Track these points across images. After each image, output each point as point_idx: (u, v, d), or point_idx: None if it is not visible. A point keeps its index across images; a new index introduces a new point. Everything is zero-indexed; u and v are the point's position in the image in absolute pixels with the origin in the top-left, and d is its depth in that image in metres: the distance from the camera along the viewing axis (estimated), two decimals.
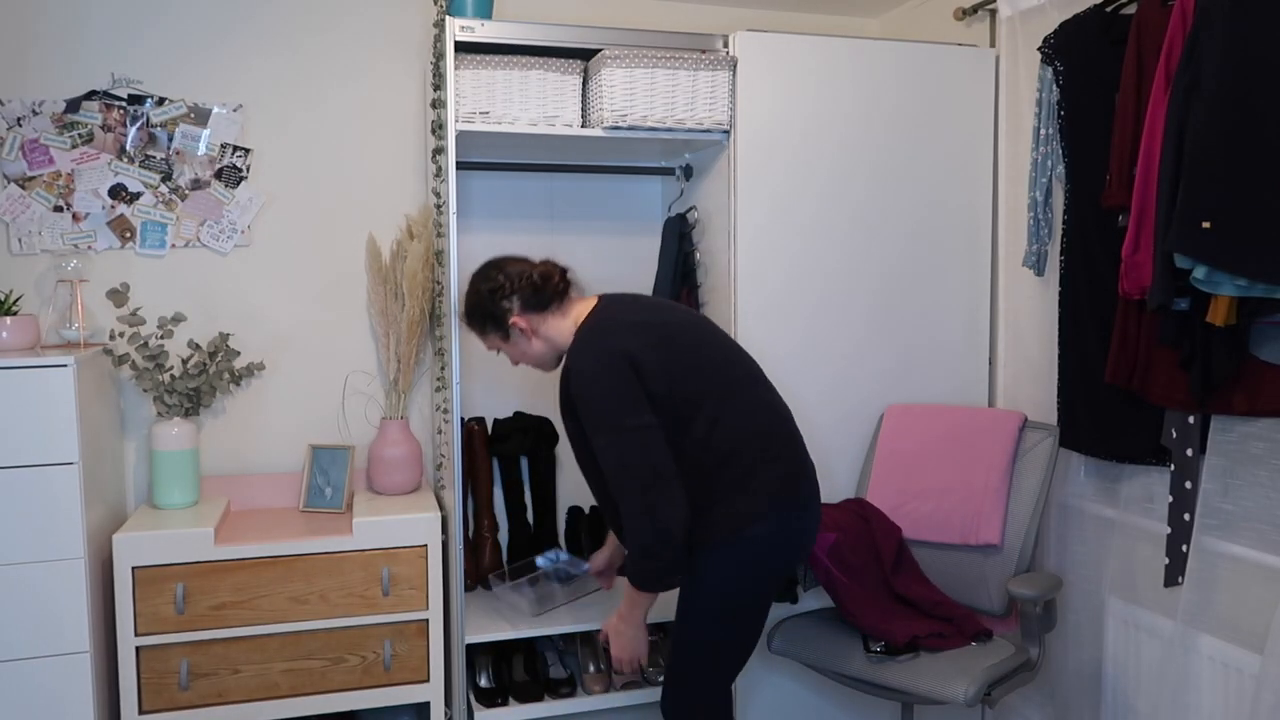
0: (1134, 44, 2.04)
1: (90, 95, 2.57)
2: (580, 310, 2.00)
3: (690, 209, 2.71)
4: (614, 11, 2.94)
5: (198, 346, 2.63)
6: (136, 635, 2.30)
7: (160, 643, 2.31)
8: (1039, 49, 2.34)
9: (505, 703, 2.49)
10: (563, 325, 1.99)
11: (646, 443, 1.78)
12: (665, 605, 2.41)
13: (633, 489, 1.76)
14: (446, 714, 2.51)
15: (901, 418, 2.55)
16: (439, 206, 2.57)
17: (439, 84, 2.43)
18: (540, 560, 2.73)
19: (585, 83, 2.48)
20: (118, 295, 2.59)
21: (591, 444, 1.81)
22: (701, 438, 1.86)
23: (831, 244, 2.54)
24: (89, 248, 2.60)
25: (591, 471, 1.98)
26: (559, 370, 2.03)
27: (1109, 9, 2.19)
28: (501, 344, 2.06)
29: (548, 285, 1.99)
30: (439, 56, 2.41)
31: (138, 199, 2.62)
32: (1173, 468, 2.05)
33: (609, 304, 1.99)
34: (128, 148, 2.60)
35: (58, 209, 2.57)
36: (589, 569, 2.45)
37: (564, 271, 2.04)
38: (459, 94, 2.34)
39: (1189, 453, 2.01)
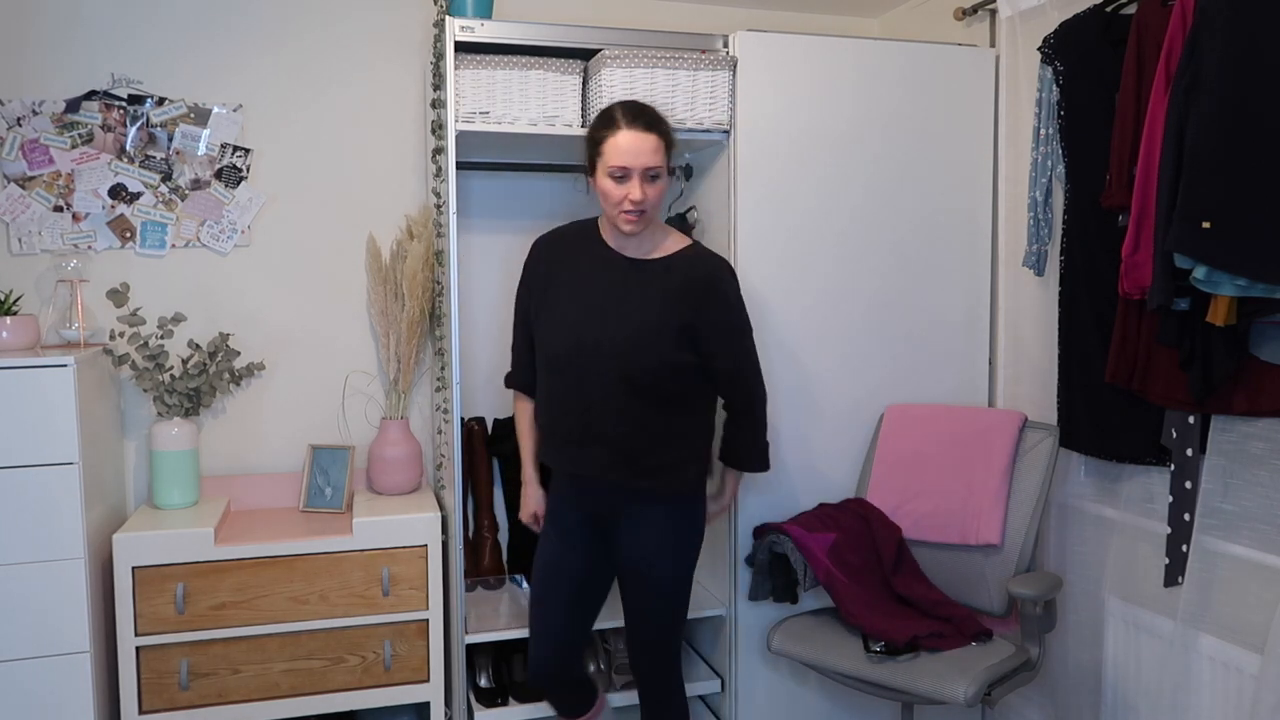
0: (1134, 44, 2.04)
1: (90, 95, 2.57)
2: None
3: (690, 209, 2.71)
4: (614, 11, 2.94)
5: (198, 346, 2.63)
6: (136, 635, 2.30)
7: (160, 643, 2.31)
8: (1039, 49, 2.34)
9: (505, 703, 2.49)
10: None
11: None
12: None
13: (760, 380, 2.17)
14: (446, 714, 2.51)
15: (901, 418, 2.55)
16: (439, 206, 2.57)
17: (439, 84, 2.43)
18: None
19: (585, 83, 2.47)
20: (118, 295, 2.59)
21: (742, 343, 2.12)
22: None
23: (832, 243, 2.54)
24: (89, 248, 2.60)
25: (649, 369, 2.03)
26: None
27: (1109, 9, 2.19)
28: (663, 172, 2.11)
29: None
30: (439, 56, 2.41)
31: (138, 199, 2.62)
32: (1173, 468, 2.05)
33: None
34: (128, 148, 2.60)
35: (58, 209, 2.57)
36: (713, 509, 2.28)
37: None
38: (459, 94, 2.34)
39: (1189, 453, 2.01)
